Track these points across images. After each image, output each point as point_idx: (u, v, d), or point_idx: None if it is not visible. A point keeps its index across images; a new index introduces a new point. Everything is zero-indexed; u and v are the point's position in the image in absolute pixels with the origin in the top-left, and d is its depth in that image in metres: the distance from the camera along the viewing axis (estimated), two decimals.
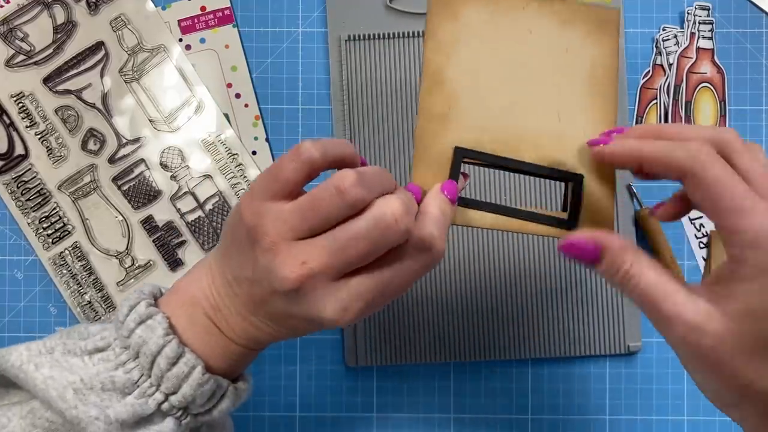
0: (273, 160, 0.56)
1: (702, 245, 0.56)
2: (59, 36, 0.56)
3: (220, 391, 0.40)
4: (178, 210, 0.56)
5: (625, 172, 0.55)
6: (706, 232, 0.55)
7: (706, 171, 0.34)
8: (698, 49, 0.56)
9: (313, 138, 0.47)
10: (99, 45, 0.56)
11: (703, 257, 0.56)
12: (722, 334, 0.33)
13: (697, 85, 0.56)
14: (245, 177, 0.56)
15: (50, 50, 0.56)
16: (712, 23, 0.56)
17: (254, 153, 0.56)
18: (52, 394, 0.37)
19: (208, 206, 0.56)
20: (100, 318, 0.56)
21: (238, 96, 0.57)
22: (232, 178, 0.56)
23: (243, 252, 0.37)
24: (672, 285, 0.35)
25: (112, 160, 0.56)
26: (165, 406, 0.38)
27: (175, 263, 0.56)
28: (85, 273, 0.56)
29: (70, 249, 0.56)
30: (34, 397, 0.39)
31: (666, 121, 0.56)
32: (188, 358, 0.38)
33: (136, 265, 0.56)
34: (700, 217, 0.56)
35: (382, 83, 0.56)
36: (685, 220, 0.56)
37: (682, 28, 0.56)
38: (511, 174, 0.53)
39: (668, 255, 0.54)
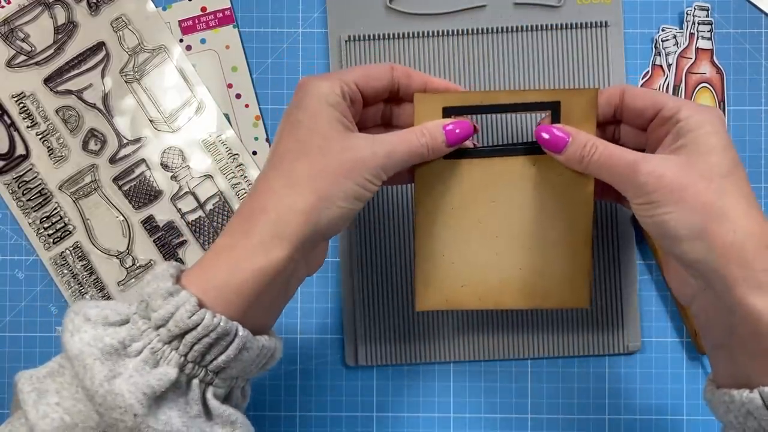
0: None
1: None
2: (60, 36, 0.56)
3: (226, 337, 0.38)
4: (179, 210, 0.56)
5: None
6: None
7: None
8: (697, 49, 0.56)
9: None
10: (100, 45, 0.56)
11: None
12: (682, 165, 0.40)
13: (697, 86, 0.56)
14: (246, 177, 0.56)
15: (51, 50, 0.56)
16: (711, 24, 0.56)
17: (254, 153, 0.57)
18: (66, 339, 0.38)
19: (209, 206, 0.56)
20: None
21: (238, 96, 0.57)
22: (233, 178, 0.56)
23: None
24: (631, 152, 0.42)
25: (112, 161, 0.56)
26: (156, 342, 0.38)
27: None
28: (85, 273, 0.56)
29: (71, 249, 0.56)
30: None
31: None
32: (183, 295, 0.38)
33: (137, 265, 0.56)
34: None
35: None
36: None
37: (682, 28, 0.56)
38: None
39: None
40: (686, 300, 0.43)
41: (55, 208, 0.56)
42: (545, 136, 0.44)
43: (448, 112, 0.45)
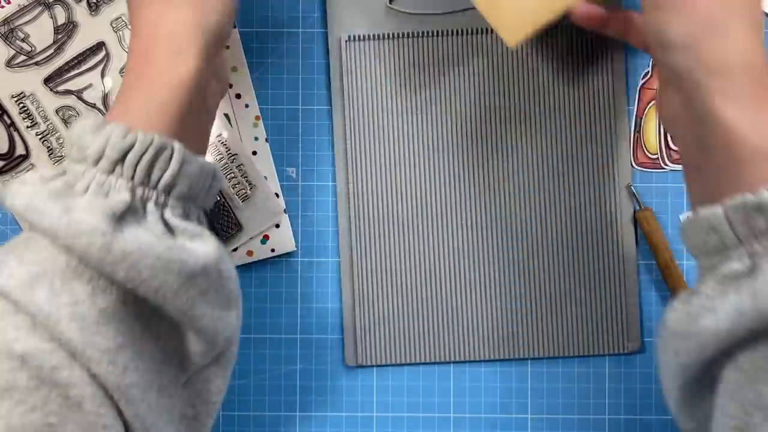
0: (273, 160, 0.56)
1: None
2: (60, 36, 0.56)
3: (164, 152, 0.38)
4: None
5: (626, 173, 0.55)
6: None
7: None
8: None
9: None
10: (100, 45, 0.56)
11: None
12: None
13: None
14: (246, 177, 0.56)
15: (51, 50, 0.56)
16: None
17: (254, 153, 0.57)
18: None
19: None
20: None
21: (238, 96, 0.57)
22: (233, 178, 0.56)
23: None
24: None
25: None
26: (100, 175, 0.37)
27: None
28: None
29: None
30: None
31: None
32: (111, 125, 0.38)
33: None
34: None
35: (382, 84, 0.56)
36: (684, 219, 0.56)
37: None
38: None
39: (668, 255, 0.54)
40: (670, 122, 0.43)
41: None
42: None
43: None
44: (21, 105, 0.56)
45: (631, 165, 0.56)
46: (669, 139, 0.56)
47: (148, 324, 0.38)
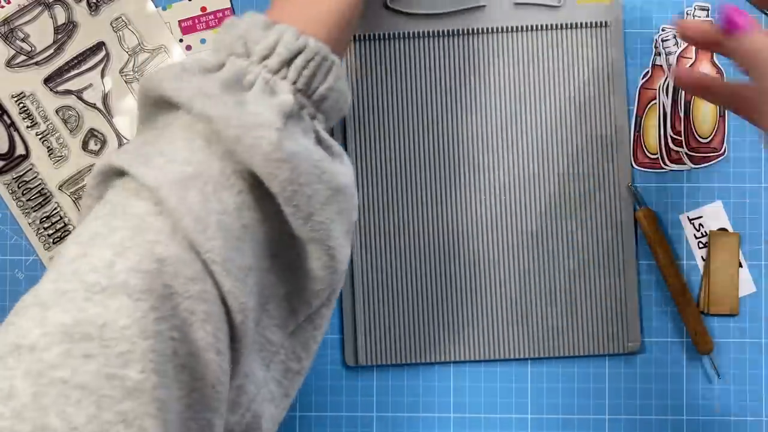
0: None
1: (701, 245, 0.56)
2: (60, 36, 0.56)
3: (325, 63, 0.38)
4: None
5: (626, 173, 0.55)
6: (706, 232, 0.56)
7: None
8: (697, 49, 0.56)
9: None
10: (100, 45, 0.56)
11: (702, 257, 0.56)
12: None
13: None
14: None
15: (51, 50, 0.56)
16: (711, 23, 0.56)
17: None
18: (183, 97, 0.36)
19: None
20: None
21: None
22: None
23: None
24: None
25: None
26: (266, 73, 0.37)
27: None
28: None
29: None
30: None
31: (665, 123, 0.56)
32: (281, 25, 0.38)
33: None
34: (700, 217, 0.56)
35: (382, 83, 0.56)
36: (684, 220, 0.56)
37: None
38: None
39: (668, 255, 0.54)
40: None
41: (55, 208, 0.56)
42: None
43: None
44: (21, 105, 0.56)
45: (631, 165, 0.56)
46: (669, 138, 0.56)
47: (279, 250, 0.37)
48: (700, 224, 0.56)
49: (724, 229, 0.56)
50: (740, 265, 0.55)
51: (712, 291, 0.55)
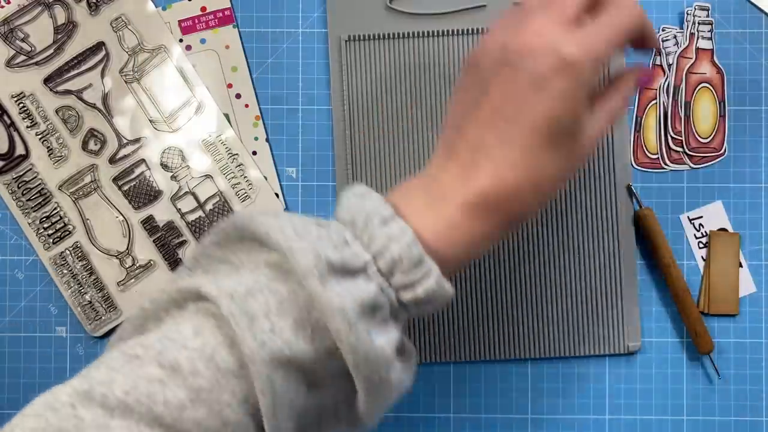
0: (273, 160, 0.56)
1: (702, 245, 0.56)
2: (60, 36, 0.56)
3: (424, 267, 0.38)
4: (179, 210, 0.56)
5: (626, 173, 0.55)
6: (706, 232, 0.56)
7: None
8: (698, 49, 0.56)
9: None
10: (99, 45, 0.56)
11: (702, 257, 0.56)
12: None
13: (697, 86, 0.56)
14: (245, 177, 0.56)
15: (51, 50, 0.56)
16: (711, 23, 0.56)
17: (254, 153, 0.57)
18: (274, 227, 0.37)
19: (209, 206, 0.56)
20: (101, 318, 0.56)
21: (238, 96, 0.57)
22: (233, 178, 0.56)
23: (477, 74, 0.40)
24: None
25: (112, 161, 0.56)
26: (371, 268, 0.37)
27: (175, 263, 0.56)
28: (85, 273, 0.56)
29: (70, 249, 0.56)
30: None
31: (665, 123, 0.56)
32: (400, 223, 0.38)
33: (137, 265, 0.56)
34: (700, 217, 0.56)
35: (382, 84, 0.56)
36: (684, 220, 0.56)
37: (682, 28, 0.56)
38: None
39: (668, 255, 0.54)
40: None
41: (55, 208, 0.56)
42: None
43: None
44: (21, 105, 0.56)
45: (631, 165, 0.56)
46: (669, 138, 0.56)
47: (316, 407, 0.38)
48: (700, 224, 0.56)
49: (724, 229, 0.56)
50: (740, 265, 0.55)
51: (712, 291, 0.55)
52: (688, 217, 0.56)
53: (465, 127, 0.40)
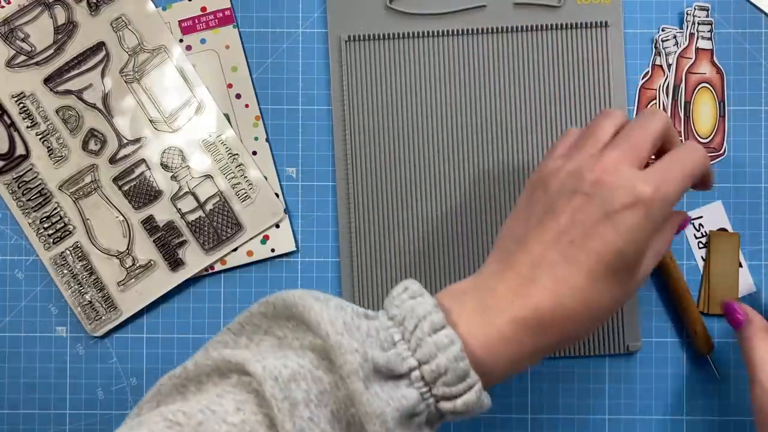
0: (273, 160, 0.56)
1: (701, 245, 0.56)
2: (60, 36, 0.56)
3: (468, 381, 0.38)
4: (179, 210, 0.56)
5: None
6: (706, 232, 0.56)
7: None
8: (697, 49, 0.56)
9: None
10: (100, 45, 0.56)
11: (702, 257, 0.56)
12: None
13: (697, 86, 0.56)
14: (246, 177, 0.56)
15: (51, 51, 0.56)
16: (711, 24, 0.56)
17: (254, 153, 0.57)
18: (324, 318, 0.37)
19: (209, 206, 0.56)
20: (101, 318, 0.56)
21: (238, 96, 0.57)
22: (233, 178, 0.56)
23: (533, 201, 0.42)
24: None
25: (112, 161, 0.56)
26: (415, 374, 0.38)
27: (175, 263, 0.56)
28: (85, 273, 0.56)
29: (70, 249, 0.56)
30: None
31: None
32: (450, 332, 0.38)
33: (137, 265, 0.56)
34: (700, 217, 0.56)
35: (382, 84, 0.56)
36: None
37: (682, 28, 0.56)
38: None
39: (668, 255, 0.54)
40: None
41: (55, 208, 0.56)
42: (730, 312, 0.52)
43: None
44: (21, 105, 0.56)
45: None
46: None
47: None
48: (700, 224, 0.56)
49: (724, 229, 0.56)
50: (740, 265, 0.55)
51: (712, 291, 0.55)
52: None
53: (528, 242, 0.40)
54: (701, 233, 0.56)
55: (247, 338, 0.40)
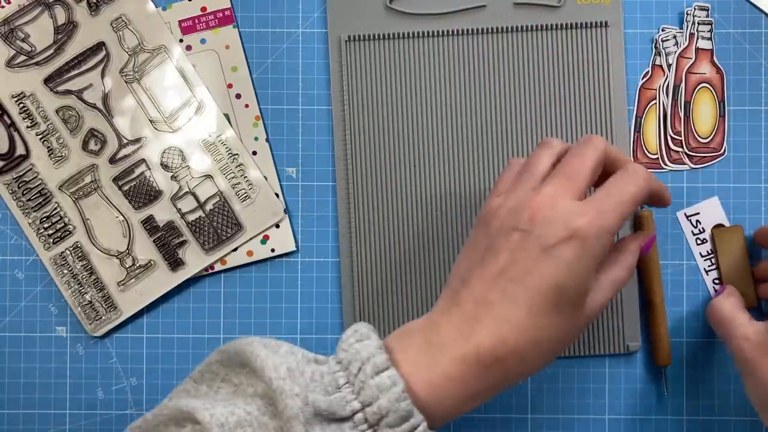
0: (273, 160, 0.57)
1: (699, 241, 0.56)
2: (60, 36, 0.56)
3: (412, 422, 0.38)
4: (179, 210, 0.56)
5: None
6: (703, 228, 0.56)
7: None
8: (697, 49, 0.56)
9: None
10: (100, 45, 0.56)
11: (701, 253, 0.56)
12: (759, 342, 0.47)
13: (697, 86, 0.56)
14: (245, 177, 0.56)
15: (51, 51, 0.56)
16: (711, 24, 0.56)
17: (254, 153, 0.57)
18: (268, 365, 0.38)
19: (209, 206, 0.56)
20: (101, 318, 0.56)
21: (238, 96, 0.57)
22: (233, 178, 0.56)
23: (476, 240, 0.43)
24: (739, 315, 0.50)
25: (112, 161, 0.56)
26: (358, 416, 0.38)
27: (175, 263, 0.56)
28: (85, 273, 0.56)
29: (70, 249, 0.56)
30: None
31: (664, 123, 0.56)
32: (392, 373, 0.38)
33: (137, 265, 0.56)
34: (697, 214, 0.56)
35: (382, 84, 0.56)
36: (681, 217, 0.56)
37: (682, 28, 0.56)
38: None
39: (652, 261, 0.54)
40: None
41: (55, 208, 0.56)
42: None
43: None
44: (21, 105, 0.56)
45: None
46: (669, 139, 0.56)
47: None
48: (697, 221, 0.56)
49: (721, 225, 0.56)
50: (749, 256, 0.55)
51: (726, 278, 0.55)
52: (685, 213, 0.56)
53: (470, 280, 0.41)
54: (698, 230, 0.56)
55: (206, 386, 0.42)
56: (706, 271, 0.55)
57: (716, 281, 0.55)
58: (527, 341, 0.39)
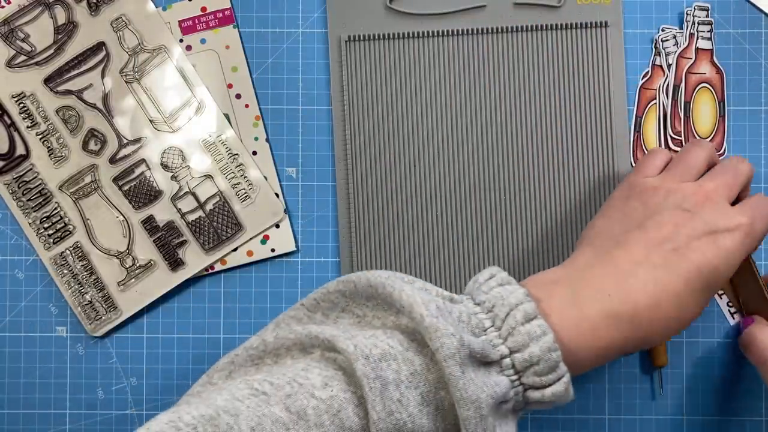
0: (273, 160, 0.57)
1: None
2: (60, 36, 0.56)
3: (558, 372, 0.38)
4: (179, 210, 0.56)
5: (625, 173, 0.55)
6: None
7: None
8: (697, 49, 0.56)
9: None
10: (100, 45, 0.56)
11: None
12: None
13: (696, 86, 0.56)
14: (246, 177, 0.56)
15: (51, 51, 0.56)
16: (711, 24, 0.56)
17: (254, 153, 0.57)
18: (417, 300, 0.37)
19: (209, 206, 0.56)
20: (101, 318, 0.56)
21: (238, 96, 0.57)
22: (233, 178, 0.56)
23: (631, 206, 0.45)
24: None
25: (112, 161, 0.56)
26: (506, 362, 0.38)
27: (175, 263, 0.56)
28: (86, 273, 0.56)
29: (71, 249, 0.56)
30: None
31: (664, 123, 0.56)
32: (542, 323, 0.38)
33: (137, 264, 0.56)
34: None
35: (382, 84, 0.56)
36: None
37: (681, 28, 0.56)
38: None
39: None
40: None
41: (55, 208, 0.56)
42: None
43: None
44: (21, 105, 0.56)
45: (631, 165, 0.56)
46: (668, 139, 0.56)
47: None
48: None
49: None
50: (757, 272, 0.53)
51: (744, 306, 0.54)
52: None
53: (628, 242, 0.42)
54: None
55: (322, 314, 0.41)
56: None
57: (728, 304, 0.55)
58: (677, 309, 0.41)
